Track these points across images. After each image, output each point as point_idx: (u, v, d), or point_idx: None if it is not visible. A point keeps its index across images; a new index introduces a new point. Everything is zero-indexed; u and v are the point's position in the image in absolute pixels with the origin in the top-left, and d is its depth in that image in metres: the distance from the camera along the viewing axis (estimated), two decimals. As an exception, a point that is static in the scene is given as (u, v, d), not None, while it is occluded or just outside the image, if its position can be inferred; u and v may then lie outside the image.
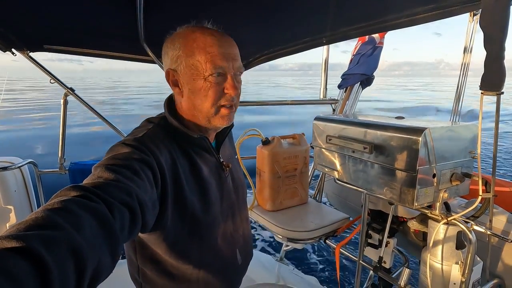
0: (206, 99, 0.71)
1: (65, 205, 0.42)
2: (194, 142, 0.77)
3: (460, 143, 1.02)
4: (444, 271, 1.00)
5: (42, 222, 0.38)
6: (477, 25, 1.03)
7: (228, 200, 0.86)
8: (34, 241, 0.34)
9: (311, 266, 3.35)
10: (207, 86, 0.70)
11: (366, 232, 1.30)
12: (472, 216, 1.03)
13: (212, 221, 0.80)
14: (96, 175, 0.55)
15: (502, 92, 0.81)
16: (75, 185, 0.48)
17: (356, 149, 1.13)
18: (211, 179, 0.80)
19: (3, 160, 1.74)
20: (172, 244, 0.74)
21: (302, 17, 1.20)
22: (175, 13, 1.06)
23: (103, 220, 0.45)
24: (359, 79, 2.13)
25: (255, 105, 2.53)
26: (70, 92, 1.82)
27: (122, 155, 0.61)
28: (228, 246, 0.85)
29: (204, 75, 0.70)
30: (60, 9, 1.07)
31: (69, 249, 0.37)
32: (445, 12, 0.98)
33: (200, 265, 0.79)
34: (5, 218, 1.71)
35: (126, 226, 0.51)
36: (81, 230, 0.40)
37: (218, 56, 0.69)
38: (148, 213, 0.59)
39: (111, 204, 0.48)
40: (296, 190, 1.71)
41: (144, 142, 0.67)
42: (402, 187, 0.99)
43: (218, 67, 0.69)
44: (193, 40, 0.70)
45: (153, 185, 0.63)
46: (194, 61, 0.70)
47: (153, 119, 0.78)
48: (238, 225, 0.90)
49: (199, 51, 0.69)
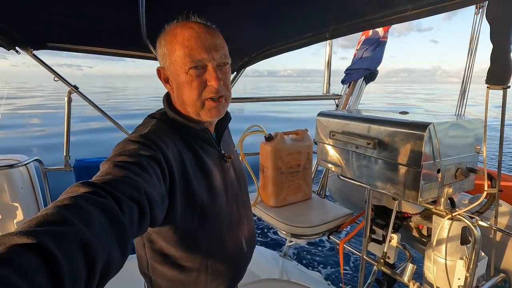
0: (191, 92, 0.72)
1: (74, 201, 0.43)
2: (196, 135, 0.78)
3: (465, 138, 1.01)
4: (448, 267, 1.00)
5: (52, 218, 0.39)
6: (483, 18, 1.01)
7: (232, 190, 0.87)
8: (44, 237, 0.35)
9: (315, 261, 3.36)
10: (189, 80, 0.71)
11: (370, 227, 1.30)
12: (477, 211, 1.02)
13: (219, 211, 0.81)
14: (104, 171, 0.55)
15: (508, 86, 0.80)
16: (84, 182, 0.49)
17: (359, 145, 1.13)
18: (215, 170, 0.81)
19: (9, 157, 1.77)
20: (181, 236, 0.75)
21: (305, 11, 1.18)
22: (177, 10, 1.05)
23: (112, 216, 0.46)
24: (363, 74, 2.11)
25: (258, 101, 2.52)
26: (74, 90, 1.83)
27: (129, 152, 0.62)
28: (235, 234, 0.87)
29: (185, 69, 0.70)
30: (63, 7, 1.07)
31: (79, 244, 0.38)
32: (452, 5, 0.96)
33: (208, 254, 0.80)
34: (12, 215, 1.74)
35: (135, 221, 0.51)
36: (90, 225, 0.41)
37: (196, 49, 0.69)
38: (157, 208, 0.59)
39: (120, 199, 0.49)
40: (299, 186, 1.71)
41: (150, 138, 0.68)
42: (406, 182, 0.99)
43: (197, 60, 0.70)
44: (174, 36, 0.71)
45: (161, 180, 0.63)
46: (175, 57, 0.71)
47: (155, 115, 0.79)
48: (242, 214, 0.92)
49: (179, 46, 0.70)
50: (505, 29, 0.73)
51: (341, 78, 2.20)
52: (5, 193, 1.71)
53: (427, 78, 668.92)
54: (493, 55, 0.77)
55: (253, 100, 2.44)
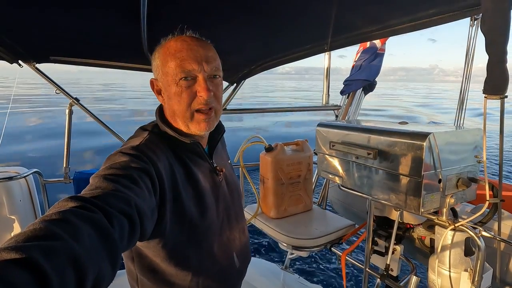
0: (180, 103, 0.72)
1: (63, 216, 0.42)
2: (187, 148, 0.78)
3: (465, 147, 1.01)
4: (452, 279, 0.98)
5: (40, 233, 0.38)
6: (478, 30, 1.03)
7: (223, 204, 0.86)
8: (33, 252, 0.34)
9: (317, 274, 3.30)
10: (179, 91, 0.72)
11: (372, 239, 1.28)
12: (480, 221, 1.01)
13: (209, 226, 0.80)
14: (94, 185, 0.55)
15: (506, 95, 0.80)
16: (73, 196, 0.48)
17: (360, 155, 1.13)
18: (206, 184, 0.81)
19: (8, 170, 1.76)
20: (170, 251, 0.74)
21: (304, 24, 1.21)
22: (178, 23, 1.08)
23: (102, 230, 0.45)
24: (361, 85, 2.14)
25: (257, 112, 2.54)
26: (75, 102, 1.85)
27: (120, 164, 0.61)
28: (225, 249, 0.85)
29: (175, 80, 0.71)
30: (65, 21, 1.09)
31: (69, 259, 0.37)
32: (446, 17, 0.98)
33: (198, 271, 0.78)
34: (10, 227, 1.72)
35: (126, 235, 0.51)
36: (79, 240, 0.40)
37: (187, 60, 0.70)
38: (147, 221, 0.59)
39: (110, 213, 0.48)
40: (300, 197, 1.69)
41: (142, 150, 0.67)
42: (408, 193, 0.98)
43: (187, 71, 0.71)
44: (167, 48, 0.73)
45: (152, 193, 0.63)
46: (167, 68, 0.72)
47: (147, 127, 0.79)
48: (234, 228, 0.90)
49: (171, 58, 0.72)
50: (500, 40, 0.74)
51: (341, 78, 2.21)
52: (4, 206, 1.70)
53: (424, 77, 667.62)
54: (489, 66, 0.78)
55: (253, 111, 2.45)
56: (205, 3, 0.97)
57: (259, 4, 0.99)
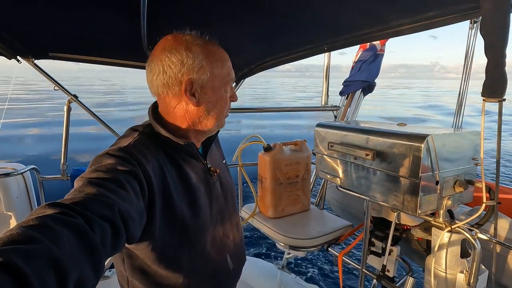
0: (222, 106, 0.78)
1: (40, 221, 0.42)
2: (181, 149, 0.77)
3: (463, 149, 1.01)
4: (448, 280, 0.98)
5: (18, 238, 0.38)
6: (478, 32, 1.03)
7: (217, 206, 0.86)
8: (11, 255, 0.34)
9: (314, 274, 3.31)
10: (225, 96, 0.78)
11: (369, 240, 1.28)
12: (476, 224, 1.02)
13: (202, 227, 0.79)
14: (77, 189, 0.54)
15: (504, 98, 0.81)
16: (51, 203, 0.48)
17: (358, 156, 1.13)
18: (199, 185, 0.80)
19: (5, 166, 1.75)
20: (161, 253, 0.73)
21: (304, 24, 1.21)
22: (178, 21, 1.08)
23: (81, 234, 0.44)
24: (361, 86, 2.14)
25: (256, 112, 2.54)
26: (73, 99, 1.84)
27: (105, 167, 0.60)
28: (218, 251, 0.84)
29: (225, 87, 0.77)
30: (65, 18, 1.08)
31: (49, 262, 0.37)
32: (445, 20, 0.98)
33: (190, 272, 0.77)
34: (6, 224, 1.71)
35: (108, 240, 0.50)
36: (59, 244, 0.40)
37: (232, 69, 0.78)
38: (133, 224, 0.58)
39: (90, 219, 0.48)
40: (298, 197, 1.70)
41: (129, 151, 0.66)
42: (405, 194, 0.98)
43: (232, 79, 0.79)
44: (213, 53, 0.74)
45: (140, 196, 0.62)
46: (218, 72, 0.75)
47: (138, 127, 0.77)
48: (228, 230, 0.90)
49: (222, 64, 0.75)
50: (499, 43, 0.75)
51: (341, 76, 2.22)
52: (0, 202, 1.69)
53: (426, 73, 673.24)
54: (488, 69, 0.78)
55: (253, 111, 2.45)
56: (205, 3, 0.97)
57: (259, 4, 0.99)
